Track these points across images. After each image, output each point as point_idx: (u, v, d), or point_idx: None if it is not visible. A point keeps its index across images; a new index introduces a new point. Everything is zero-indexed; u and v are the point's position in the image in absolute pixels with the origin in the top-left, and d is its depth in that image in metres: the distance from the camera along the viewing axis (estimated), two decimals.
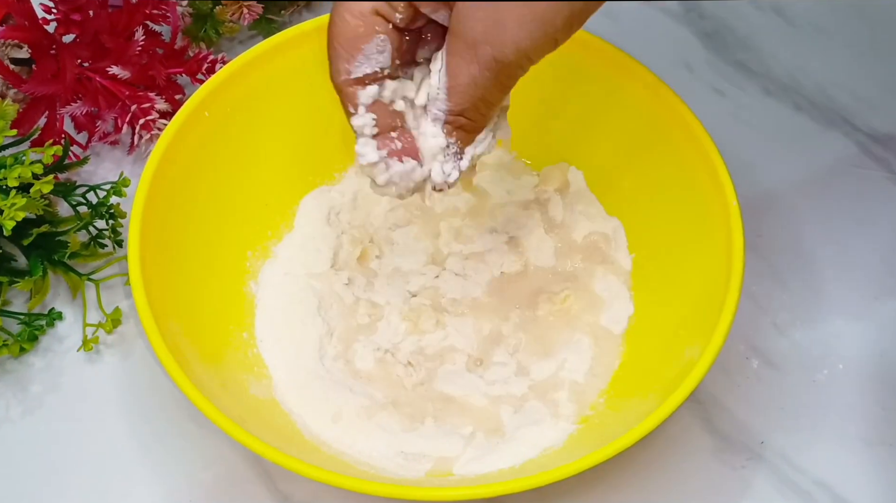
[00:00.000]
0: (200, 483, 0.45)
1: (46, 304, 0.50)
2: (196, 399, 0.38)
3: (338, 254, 0.49)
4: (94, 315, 0.49)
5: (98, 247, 0.51)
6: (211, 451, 0.45)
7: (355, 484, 0.37)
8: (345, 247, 0.50)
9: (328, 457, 0.43)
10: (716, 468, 0.45)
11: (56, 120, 0.53)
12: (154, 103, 0.53)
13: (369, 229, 0.50)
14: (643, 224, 0.48)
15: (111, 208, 0.50)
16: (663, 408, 0.37)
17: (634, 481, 0.44)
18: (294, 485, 0.44)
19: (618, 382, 0.45)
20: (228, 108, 0.48)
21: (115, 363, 0.49)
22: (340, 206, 0.51)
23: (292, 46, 0.49)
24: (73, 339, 0.49)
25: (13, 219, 0.43)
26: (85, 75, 0.52)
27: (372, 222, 0.50)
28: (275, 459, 0.38)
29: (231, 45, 0.60)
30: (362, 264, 0.49)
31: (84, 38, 0.52)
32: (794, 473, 0.45)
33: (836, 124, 0.56)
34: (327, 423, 0.44)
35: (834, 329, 0.49)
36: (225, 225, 0.49)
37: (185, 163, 0.46)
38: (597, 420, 0.43)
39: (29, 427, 0.47)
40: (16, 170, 0.44)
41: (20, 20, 0.51)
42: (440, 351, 0.46)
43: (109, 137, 0.54)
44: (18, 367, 0.49)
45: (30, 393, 0.48)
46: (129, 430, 0.47)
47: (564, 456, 0.41)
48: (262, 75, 0.48)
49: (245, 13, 0.58)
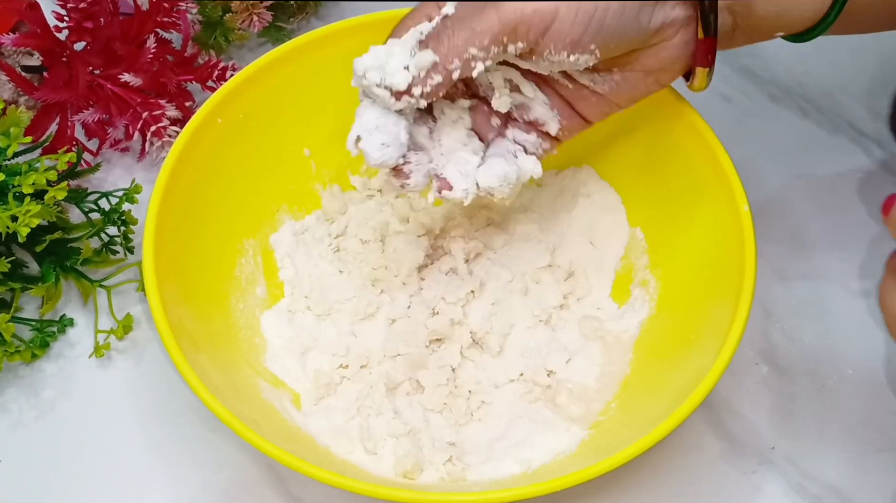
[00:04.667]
0: (212, 487, 0.45)
1: (58, 311, 0.50)
2: (211, 403, 0.39)
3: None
4: (106, 321, 0.50)
5: (110, 253, 0.51)
6: (222, 456, 0.46)
7: (368, 488, 0.37)
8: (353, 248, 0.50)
9: (340, 461, 0.43)
10: (726, 472, 0.45)
11: (67, 127, 0.53)
12: (165, 110, 0.53)
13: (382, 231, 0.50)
14: (654, 229, 0.48)
15: (123, 215, 0.50)
16: (676, 415, 0.37)
17: (645, 485, 0.44)
18: (306, 489, 0.44)
19: (629, 388, 0.45)
20: (241, 114, 0.48)
21: (126, 368, 0.49)
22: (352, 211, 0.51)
23: (303, 53, 0.49)
24: (85, 345, 0.50)
25: (27, 225, 0.43)
26: (96, 82, 0.53)
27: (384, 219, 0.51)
28: (289, 463, 0.38)
29: (240, 53, 0.60)
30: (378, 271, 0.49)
31: (96, 45, 0.53)
32: (804, 478, 0.45)
33: (841, 130, 0.56)
34: (340, 427, 0.44)
35: (842, 335, 0.49)
36: (237, 230, 0.49)
37: (198, 169, 0.46)
38: (608, 425, 0.43)
39: (41, 432, 0.47)
40: (31, 176, 0.44)
41: (32, 28, 0.52)
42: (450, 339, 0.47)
43: (120, 144, 0.54)
44: (30, 373, 0.49)
45: (42, 398, 0.48)
46: (141, 435, 0.47)
47: (578, 461, 0.41)
48: (273, 82, 0.49)
49: (255, 21, 0.58)
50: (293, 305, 0.49)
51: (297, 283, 0.49)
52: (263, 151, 0.50)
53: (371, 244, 0.49)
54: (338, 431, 0.44)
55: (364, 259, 0.49)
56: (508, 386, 0.46)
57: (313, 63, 0.49)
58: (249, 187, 0.49)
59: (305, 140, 0.51)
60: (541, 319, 0.47)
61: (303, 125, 0.51)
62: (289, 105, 0.50)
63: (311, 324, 0.48)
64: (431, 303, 0.47)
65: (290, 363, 0.47)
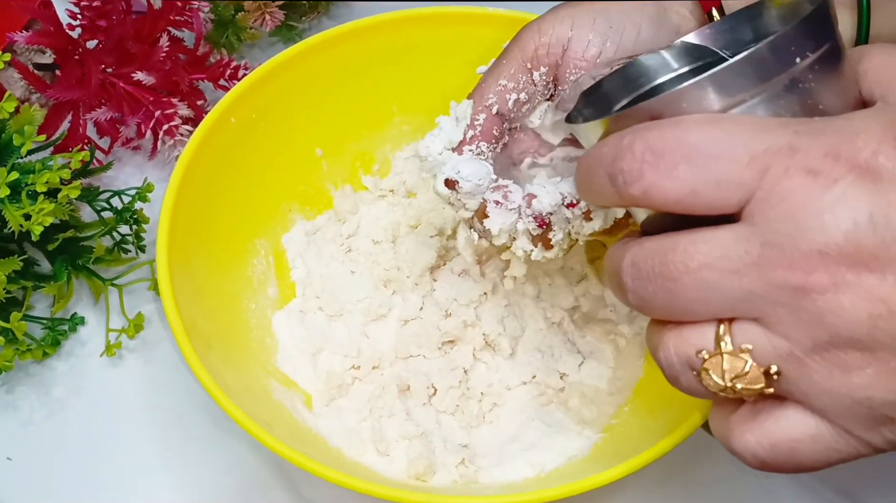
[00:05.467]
0: (223, 487, 0.45)
1: (70, 309, 0.50)
2: (224, 403, 0.38)
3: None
4: (117, 320, 0.50)
5: (121, 252, 0.51)
6: (233, 456, 0.46)
7: (380, 490, 0.37)
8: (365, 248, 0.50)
9: (352, 463, 0.43)
10: (738, 477, 0.45)
11: (80, 125, 0.53)
12: (177, 109, 0.53)
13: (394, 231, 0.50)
14: None
15: (135, 213, 0.50)
16: (690, 422, 0.37)
17: (656, 489, 0.44)
18: (318, 490, 0.44)
19: (642, 392, 0.44)
20: (254, 114, 0.48)
21: (137, 368, 0.49)
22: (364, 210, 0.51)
23: (316, 53, 0.49)
24: (96, 344, 0.49)
25: (41, 224, 0.43)
26: (109, 81, 0.53)
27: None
28: (301, 464, 0.37)
29: (252, 52, 0.60)
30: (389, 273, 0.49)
31: (108, 43, 0.53)
32: (817, 483, 0.44)
33: None
34: (352, 429, 0.44)
35: None
36: (249, 230, 0.49)
37: (211, 168, 0.46)
38: (621, 429, 0.43)
39: (52, 430, 0.47)
40: (44, 175, 0.44)
41: (45, 26, 0.52)
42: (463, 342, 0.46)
43: (132, 143, 0.54)
44: (42, 371, 0.49)
45: (52, 396, 0.48)
46: (151, 434, 0.47)
47: (591, 465, 0.41)
48: (286, 82, 0.49)
49: (267, 20, 0.58)
50: (305, 305, 0.49)
51: (309, 284, 0.49)
52: (276, 151, 0.50)
53: (383, 244, 0.49)
54: (349, 433, 0.44)
55: (376, 259, 0.49)
56: (521, 388, 0.46)
57: (325, 63, 0.49)
58: (262, 187, 0.49)
59: (318, 140, 0.51)
60: (553, 321, 0.47)
61: (315, 125, 0.51)
62: (301, 105, 0.50)
63: (322, 325, 0.48)
64: (444, 305, 0.47)
65: (302, 363, 0.47)
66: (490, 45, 0.50)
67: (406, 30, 0.50)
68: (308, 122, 0.50)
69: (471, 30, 0.50)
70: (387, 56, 0.50)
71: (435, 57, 0.50)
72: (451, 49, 0.50)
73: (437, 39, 0.50)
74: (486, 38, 0.50)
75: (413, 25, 0.50)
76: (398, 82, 0.51)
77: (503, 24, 0.49)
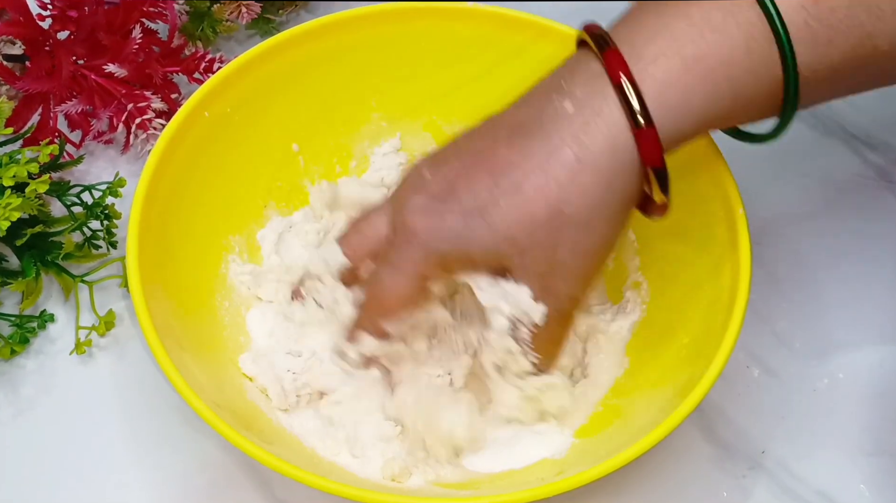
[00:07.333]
0: (195, 488, 0.44)
1: (38, 306, 0.49)
2: (195, 403, 0.38)
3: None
4: (88, 317, 0.49)
5: (92, 248, 0.50)
6: (206, 456, 0.45)
7: (354, 492, 0.37)
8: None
9: (327, 463, 0.42)
10: (716, 477, 0.44)
11: (50, 118, 0.52)
12: (150, 102, 0.52)
13: None
14: (646, 230, 0.48)
15: (106, 209, 0.49)
16: (667, 423, 0.37)
17: (634, 490, 0.44)
18: (292, 491, 0.44)
19: (620, 391, 0.44)
20: (228, 107, 0.47)
21: (108, 366, 0.48)
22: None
23: (292, 46, 0.49)
24: (66, 341, 0.49)
25: (8, 219, 0.43)
26: (80, 73, 0.52)
27: None
28: (273, 465, 0.37)
29: (228, 45, 0.59)
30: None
31: (80, 34, 0.52)
32: (795, 482, 0.44)
33: (834, 133, 0.56)
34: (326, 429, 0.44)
35: (834, 338, 0.48)
36: (223, 226, 0.48)
37: (183, 163, 0.45)
38: (599, 429, 0.43)
39: (20, 430, 0.46)
40: (11, 169, 0.43)
41: (14, 16, 0.51)
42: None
43: (104, 136, 0.53)
44: (9, 369, 0.48)
45: (21, 395, 0.47)
46: (122, 433, 0.46)
47: (568, 466, 0.41)
48: (261, 75, 0.48)
49: (243, 12, 0.57)
50: (280, 304, 0.48)
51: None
52: (251, 146, 0.49)
53: None
54: (324, 433, 0.43)
55: None
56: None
57: (302, 56, 0.49)
58: (236, 182, 0.48)
59: (294, 135, 0.50)
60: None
61: (291, 119, 0.50)
62: (277, 99, 0.49)
63: (298, 323, 0.47)
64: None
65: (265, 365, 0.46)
66: (468, 41, 0.50)
67: (384, 24, 0.49)
68: (284, 116, 0.50)
69: (449, 25, 0.49)
70: (365, 51, 0.50)
71: (413, 52, 0.50)
72: (430, 44, 0.50)
73: (416, 34, 0.50)
74: (465, 33, 0.50)
75: (392, 20, 0.50)
76: (376, 77, 0.51)
77: (481, 20, 0.49)
